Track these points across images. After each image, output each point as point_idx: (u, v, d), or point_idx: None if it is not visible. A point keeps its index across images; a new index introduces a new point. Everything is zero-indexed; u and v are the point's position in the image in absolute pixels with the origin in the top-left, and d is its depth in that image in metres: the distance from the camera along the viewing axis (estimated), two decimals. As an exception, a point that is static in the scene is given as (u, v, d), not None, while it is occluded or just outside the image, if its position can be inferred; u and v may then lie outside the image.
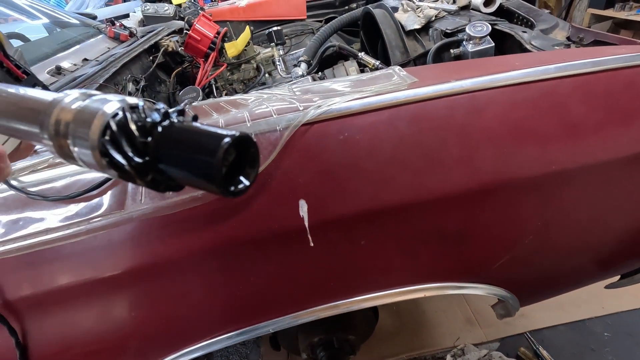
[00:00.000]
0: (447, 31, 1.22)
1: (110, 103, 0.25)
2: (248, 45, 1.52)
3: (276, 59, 1.54)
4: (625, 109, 0.63)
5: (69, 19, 1.56)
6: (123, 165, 0.24)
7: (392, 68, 0.71)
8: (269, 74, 1.54)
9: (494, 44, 1.12)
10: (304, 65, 1.43)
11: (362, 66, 1.38)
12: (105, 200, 0.57)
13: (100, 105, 0.25)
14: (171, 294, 0.62)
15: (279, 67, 1.53)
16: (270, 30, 1.60)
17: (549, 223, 0.65)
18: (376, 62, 1.32)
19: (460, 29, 1.20)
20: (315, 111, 0.57)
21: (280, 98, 0.65)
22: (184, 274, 0.61)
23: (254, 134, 0.57)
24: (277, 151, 0.56)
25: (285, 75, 1.47)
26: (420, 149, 0.59)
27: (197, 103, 0.70)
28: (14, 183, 0.59)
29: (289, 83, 1.26)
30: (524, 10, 1.26)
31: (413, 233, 0.63)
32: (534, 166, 0.60)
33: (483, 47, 1.12)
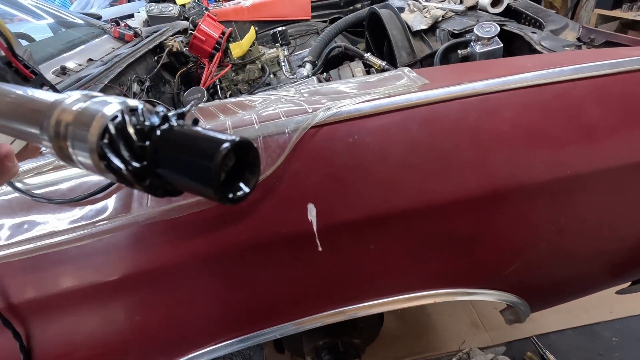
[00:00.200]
0: (455, 32, 1.21)
1: (110, 105, 0.24)
2: (253, 45, 1.52)
3: (281, 59, 1.53)
4: None
5: (73, 19, 1.56)
6: (120, 170, 0.24)
7: (402, 69, 0.70)
8: (273, 74, 1.54)
9: (502, 45, 1.10)
10: (309, 65, 1.42)
11: (368, 67, 1.37)
12: (111, 203, 0.56)
13: (99, 107, 0.24)
14: (176, 299, 0.61)
15: (284, 68, 1.52)
16: (275, 31, 1.59)
17: (562, 228, 0.64)
18: (382, 63, 1.31)
19: (468, 29, 1.19)
20: (325, 113, 0.56)
21: (288, 100, 0.64)
22: (189, 279, 0.60)
23: (262, 137, 0.56)
24: (286, 154, 0.55)
25: (290, 76, 1.46)
26: (432, 152, 0.58)
27: (204, 104, 0.69)
28: (18, 185, 0.58)
29: (295, 84, 1.25)
30: (532, 11, 1.24)
31: (423, 238, 0.62)
32: (548, 170, 0.59)
33: (491, 48, 1.11)
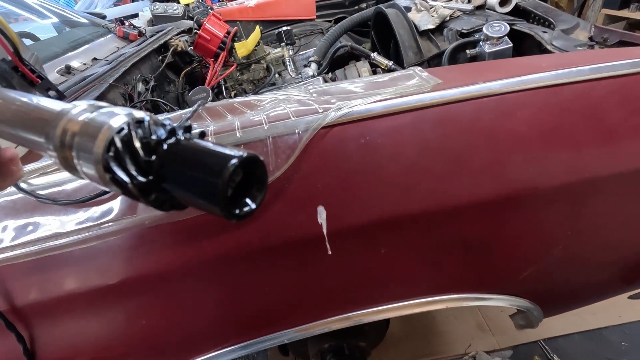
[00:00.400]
0: (463, 31, 1.19)
1: (117, 117, 0.24)
2: (258, 45, 1.51)
3: (286, 59, 1.52)
4: None
5: (78, 19, 1.56)
6: (126, 183, 0.24)
7: (412, 69, 0.68)
8: (278, 74, 1.53)
9: (512, 45, 1.09)
10: (314, 65, 1.40)
11: (374, 67, 1.36)
12: (117, 205, 0.55)
13: (106, 119, 0.24)
14: (183, 303, 0.60)
15: (289, 68, 1.51)
16: (280, 30, 1.58)
17: (579, 232, 0.62)
18: (389, 63, 1.29)
19: (476, 29, 1.17)
20: (336, 113, 0.55)
21: (297, 99, 0.62)
22: (195, 282, 0.59)
23: (271, 137, 0.55)
24: (296, 155, 0.54)
25: (295, 76, 1.45)
26: (446, 154, 0.56)
27: (211, 104, 0.68)
28: (23, 186, 0.57)
29: (300, 83, 1.24)
30: (541, 10, 1.22)
31: (436, 242, 0.60)
32: (566, 173, 0.57)
33: (501, 48, 1.09)
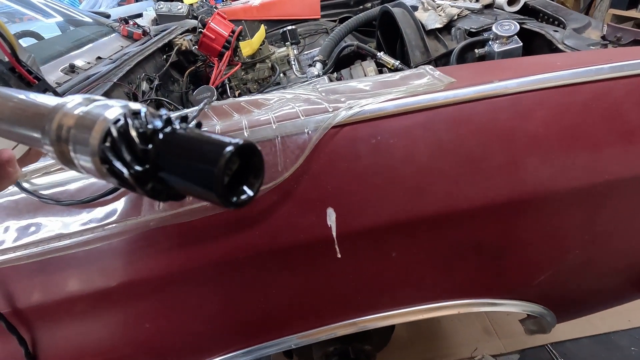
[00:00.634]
0: (472, 30, 1.17)
1: (112, 109, 0.24)
2: (263, 44, 1.50)
3: (291, 58, 1.51)
4: None
5: (82, 18, 1.56)
6: (122, 173, 0.23)
7: (423, 67, 0.66)
8: (283, 73, 1.51)
9: (522, 44, 1.07)
10: (319, 65, 1.39)
11: (380, 66, 1.34)
12: (121, 205, 0.54)
13: (102, 111, 0.24)
14: (187, 306, 0.59)
15: (294, 67, 1.49)
16: (284, 30, 1.57)
17: (596, 236, 0.60)
18: (396, 62, 1.27)
19: (485, 28, 1.15)
20: (347, 112, 0.53)
21: (306, 98, 0.61)
22: (201, 286, 0.57)
23: (280, 137, 0.54)
24: (305, 155, 0.52)
25: (300, 75, 1.43)
26: (459, 155, 0.54)
27: (217, 103, 0.67)
28: (25, 186, 0.56)
29: (305, 83, 1.23)
30: (551, 9, 1.20)
31: (448, 246, 0.59)
32: (585, 175, 0.55)
33: (510, 47, 1.07)
